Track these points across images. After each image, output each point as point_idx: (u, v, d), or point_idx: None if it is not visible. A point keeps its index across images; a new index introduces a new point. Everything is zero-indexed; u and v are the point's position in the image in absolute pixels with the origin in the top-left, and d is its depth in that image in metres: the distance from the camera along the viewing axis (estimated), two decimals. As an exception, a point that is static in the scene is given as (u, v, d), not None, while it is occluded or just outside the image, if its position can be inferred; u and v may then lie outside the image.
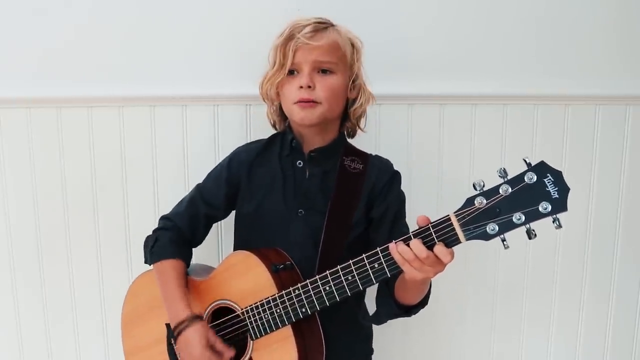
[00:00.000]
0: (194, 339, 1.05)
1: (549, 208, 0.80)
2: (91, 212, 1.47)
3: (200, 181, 1.25)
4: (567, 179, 0.80)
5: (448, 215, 0.87)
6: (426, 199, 1.43)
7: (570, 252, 1.51)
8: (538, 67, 1.43)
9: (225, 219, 1.28)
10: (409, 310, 1.06)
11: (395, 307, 1.06)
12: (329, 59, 1.09)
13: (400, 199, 1.17)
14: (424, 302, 1.07)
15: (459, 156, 1.45)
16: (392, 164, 1.19)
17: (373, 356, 1.25)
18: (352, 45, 1.14)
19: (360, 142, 1.23)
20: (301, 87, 1.08)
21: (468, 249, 1.45)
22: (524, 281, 1.52)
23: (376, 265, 0.94)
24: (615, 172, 1.49)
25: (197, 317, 1.08)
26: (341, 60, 1.11)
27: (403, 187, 1.19)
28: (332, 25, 1.13)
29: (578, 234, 1.50)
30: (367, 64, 1.19)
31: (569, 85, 1.44)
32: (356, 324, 1.19)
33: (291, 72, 1.11)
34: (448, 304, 1.50)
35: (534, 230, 0.82)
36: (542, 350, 1.56)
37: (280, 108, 1.19)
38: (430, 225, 0.89)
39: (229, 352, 1.06)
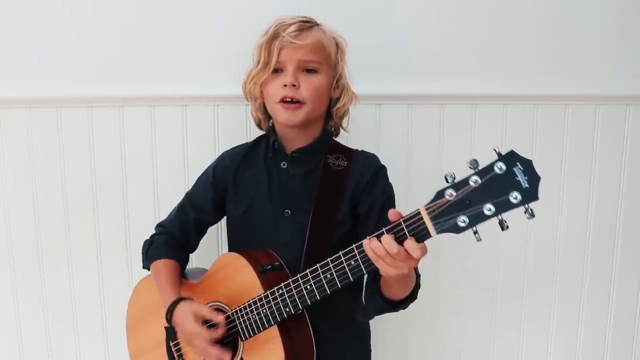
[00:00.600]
0: (183, 316, 1.06)
1: (519, 197, 0.78)
2: (91, 212, 1.47)
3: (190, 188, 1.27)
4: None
5: (418, 209, 0.87)
6: (426, 199, 1.42)
7: (570, 251, 1.51)
8: (538, 67, 1.43)
9: (225, 224, 1.28)
10: (396, 305, 1.05)
11: (382, 302, 1.05)
12: (314, 58, 1.09)
13: (387, 192, 1.16)
14: (412, 296, 1.05)
15: (459, 156, 1.44)
16: (378, 159, 1.18)
17: (372, 354, 1.24)
18: (337, 45, 1.14)
19: (360, 142, 1.24)
20: (285, 85, 1.08)
21: (467, 248, 1.46)
22: (523, 280, 1.51)
23: (352, 262, 0.93)
24: (615, 172, 1.49)
25: (183, 298, 1.09)
26: (325, 60, 1.11)
27: (403, 187, 1.19)
28: (317, 24, 1.13)
29: (578, 233, 1.50)
30: (367, 64, 1.19)
31: (569, 85, 1.43)
32: (351, 322, 1.18)
33: (275, 71, 1.11)
34: (447, 303, 1.50)
35: (506, 222, 0.81)
36: (541, 350, 1.56)
37: (264, 106, 1.18)
38: (401, 219, 0.88)
39: (218, 318, 1.06)
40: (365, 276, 1.04)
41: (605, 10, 1.42)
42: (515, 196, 0.78)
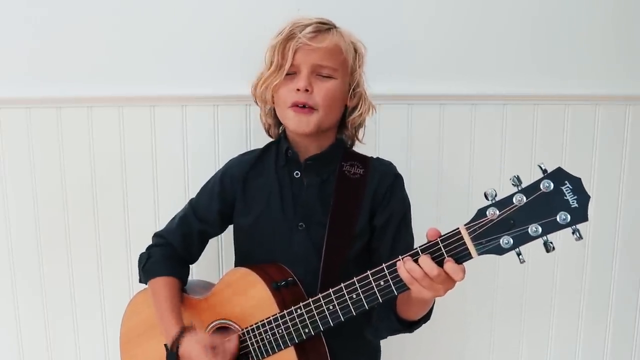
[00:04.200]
0: (192, 349, 1.00)
1: (568, 218, 0.74)
2: (91, 212, 1.47)
3: (194, 195, 1.22)
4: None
5: (458, 228, 0.81)
6: (426, 199, 1.43)
7: (570, 253, 1.50)
8: (538, 67, 1.43)
9: (226, 234, 1.26)
10: (411, 326, 1.00)
11: (397, 322, 1.00)
12: (330, 64, 1.04)
13: (405, 204, 1.11)
14: (426, 317, 1.01)
15: (459, 156, 1.45)
16: (394, 167, 1.14)
17: None
18: (355, 50, 1.09)
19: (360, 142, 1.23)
20: (298, 90, 1.03)
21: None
22: (523, 286, 1.51)
23: (382, 283, 0.87)
24: (615, 172, 1.49)
25: (187, 328, 1.04)
26: (342, 66, 1.06)
27: (402, 188, 1.15)
28: (335, 27, 1.08)
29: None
30: (367, 63, 1.18)
31: (569, 85, 1.43)
32: (364, 339, 1.13)
33: (287, 74, 1.05)
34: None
35: (552, 243, 0.77)
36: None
37: (274, 110, 1.13)
38: (439, 239, 0.83)
39: (230, 345, 1.01)
40: None
41: (605, 10, 1.42)
42: (563, 217, 0.74)
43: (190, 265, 1.22)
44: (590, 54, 1.43)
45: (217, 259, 1.45)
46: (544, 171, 0.76)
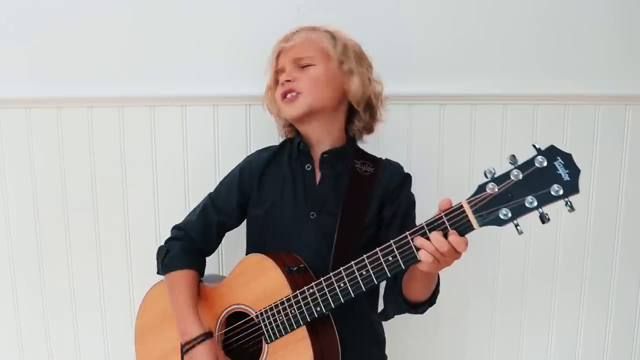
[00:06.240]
0: (203, 358, 1.05)
1: (561, 191, 0.80)
2: (91, 212, 1.47)
3: (212, 190, 1.24)
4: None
5: (460, 202, 0.87)
6: (426, 199, 1.41)
7: (570, 252, 1.51)
8: (538, 67, 1.43)
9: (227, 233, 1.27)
10: (418, 307, 1.06)
11: (404, 303, 1.05)
12: (305, 54, 1.12)
13: (411, 200, 1.17)
14: (431, 301, 1.06)
15: (459, 156, 1.45)
16: (402, 167, 1.20)
17: None
18: (332, 36, 1.15)
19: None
20: (283, 83, 1.13)
21: (467, 251, 1.45)
22: (523, 282, 1.51)
23: (390, 258, 0.92)
24: (615, 172, 1.49)
25: (208, 334, 1.07)
26: (319, 53, 1.13)
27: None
28: (313, 28, 1.16)
29: (578, 233, 1.50)
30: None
31: (569, 85, 1.44)
32: (370, 329, 1.18)
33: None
34: (449, 305, 1.48)
35: (547, 214, 0.82)
36: (542, 351, 1.55)
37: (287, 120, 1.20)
38: (442, 214, 0.88)
39: None
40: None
41: (605, 10, 1.43)
42: (557, 189, 0.80)
43: None
44: (590, 54, 1.44)
45: (217, 253, 1.45)
46: (538, 149, 0.83)
